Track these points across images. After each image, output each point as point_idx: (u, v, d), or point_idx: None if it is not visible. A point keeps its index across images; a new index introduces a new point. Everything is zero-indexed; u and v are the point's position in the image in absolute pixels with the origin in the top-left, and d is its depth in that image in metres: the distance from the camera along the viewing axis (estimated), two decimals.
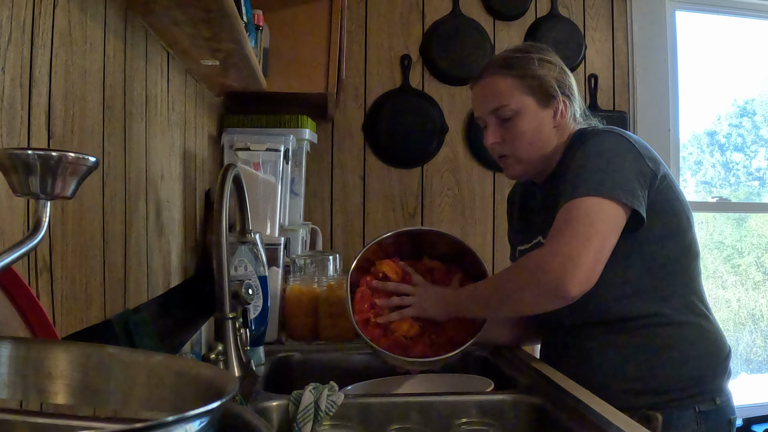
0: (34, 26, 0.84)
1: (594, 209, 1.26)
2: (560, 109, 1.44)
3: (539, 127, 1.44)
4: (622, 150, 1.34)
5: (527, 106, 1.43)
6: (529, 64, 1.44)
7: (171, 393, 0.60)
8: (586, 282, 1.22)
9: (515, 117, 1.43)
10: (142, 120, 1.31)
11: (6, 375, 0.59)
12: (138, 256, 1.29)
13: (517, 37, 2.82)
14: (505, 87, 1.43)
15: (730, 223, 3.41)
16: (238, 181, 1.35)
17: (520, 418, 1.20)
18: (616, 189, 1.28)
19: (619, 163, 1.32)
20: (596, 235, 1.24)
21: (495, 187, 2.80)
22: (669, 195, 1.37)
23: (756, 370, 3.27)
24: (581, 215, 1.26)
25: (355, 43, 2.74)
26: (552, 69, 1.45)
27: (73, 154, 0.56)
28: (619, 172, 1.31)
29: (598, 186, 1.28)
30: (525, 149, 1.45)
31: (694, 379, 1.36)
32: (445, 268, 1.49)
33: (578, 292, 1.22)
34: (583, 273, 1.21)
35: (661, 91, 2.87)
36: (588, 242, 1.23)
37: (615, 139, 1.36)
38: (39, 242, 0.58)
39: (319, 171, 2.73)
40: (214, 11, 1.20)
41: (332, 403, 1.13)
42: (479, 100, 1.49)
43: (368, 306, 1.43)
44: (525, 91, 1.43)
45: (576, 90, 1.49)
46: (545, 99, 1.44)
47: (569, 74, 1.48)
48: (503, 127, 1.45)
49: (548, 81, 1.43)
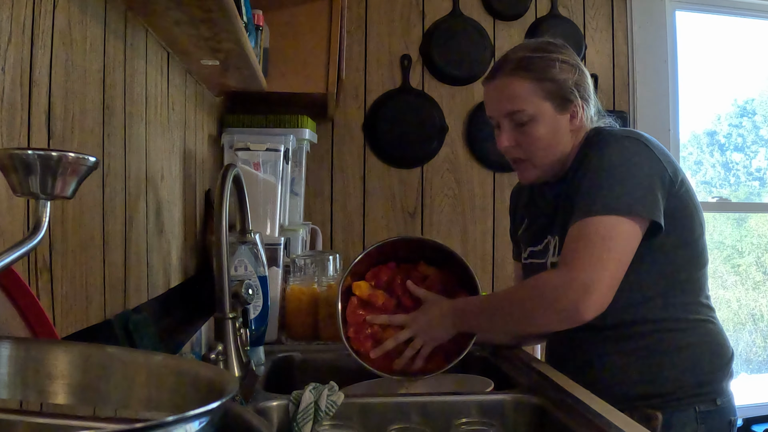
0: (34, 26, 0.84)
1: (610, 230, 1.24)
2: (578, 113, 1.40)
3: (555, 132, 1.39)
4: (642, 158, 1.30)
5: (544, 111, 1.38)
6: (548, 67, 1.38)
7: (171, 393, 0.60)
8: (601, 307, 1.23)
9: (531, 122, 1.38)
10: (142, 120, 1.31)
11: (6, 375, 0.59)
12: (138, 256, 1.29)
13: (517, 37, 2.82)
14: (523, 90, 1.38)
15: (730, 223, 3.41)
16: (238, 181, 1.35)
17: (520, 418, 1.20)
18: (634, 204, 1.25)
19: (637, 174, 1.28)
20: (612, 260, 1.23)
21: (495, 187, 2.80)
22: (685, 200, 1.35)
23: (756, 370, 3.27)
24: (598, 238, 1.24)
25: (355, 43, 2.74)
26: (571, 71, 1.39)
27: (73, 154, 0.56)
28: (637, 184, 1.27)
29: (616, 203, 1.25)
30: (540, 154, 1.41)
31: (697, 382, 1.36)
32: (439, 275, 1.44)
33: (593, 316, 1.23)
34: (598, 299, 1.22)
35: (661, 91, 2.87)
36: (604, 269, 1.22)
37: (634, 147, 1.32)
38: (39, 242, 0.58)
39: (319, 171, 2.73)
40: (214, 11, 1.20)
41: (332, 403, 1.13)
42: (494, 100, 1.43)
43: (362, 320, 1.40)
44: (543, 95, 1.37)
45: (592, 89, 1.44)
46: (563, 103, 1.39)
47: (586, 73, 1.43)
48: (518, 131, 1.40)
49: (567, 85, 1.38)
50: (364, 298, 1.40)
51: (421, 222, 2.78)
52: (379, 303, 1.40)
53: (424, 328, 1.36)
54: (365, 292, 1.40)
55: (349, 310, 1.40)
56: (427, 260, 1.46)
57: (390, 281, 1.43)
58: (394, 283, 1.43)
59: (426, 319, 1.37)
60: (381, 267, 1.44)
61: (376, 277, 1.43)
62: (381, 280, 1.42)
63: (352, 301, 1.40)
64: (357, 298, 1.40)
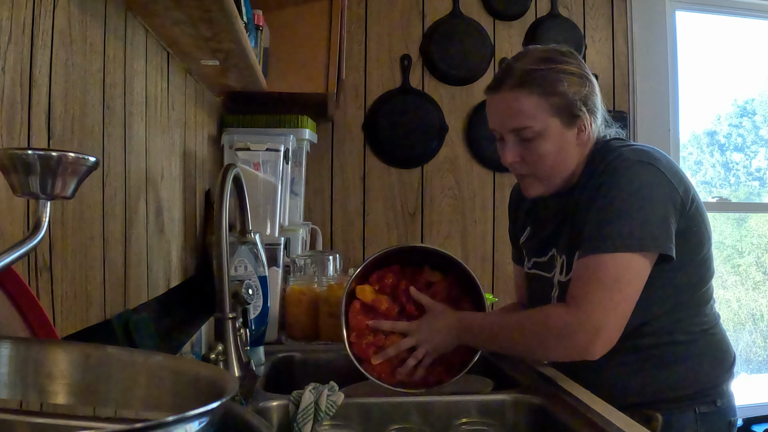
0: (34, 26, 0.84)
1: (623, 271, 1.23)
2: (586, 127, 1.35)
3: (562, 148, 1.35)
4: (654, 185, 1.27)
5: (551, 127, 1.33)
6: (556, 81, 1.32)
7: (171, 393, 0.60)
8: (610, 345, 1.23)
9: (537, 138, 1.33)
10: (142, 120, 1.31)
11: (6, 375, 0.59)
12: (138, 256, 1.29)
13: (517, 37, 2.82)
14: (529, 107, 1.32)
15: (730, 223, 3.41)
16: (238, 181, 1.35)
17: (520, 418, 1.20)
18: (647, 239, 1.24)
19: (650, 205, 1.25)
20: (623, 301, 1.23)
21: (495, 187, 2.80)
22: (696, 219, 1.33)
23: (756, 370, 3.27)
24: (610, 279, 1.23)
25: (355, 43, 2.74)
26: (579, 83, 1.34)
27: (73, 154, 0.56)
28: (650, 217, 1.25)
29: (629, 240, 1.23)
30: (547, 171, 1.36)
31: (698, 388, 1.35)
32: (443, 283, 1.42)
33: (601, 355, 1.24)
34: (608, 340, 1.23)
35: (661, 91, 2.87)
36: (614, 310, 1.22)
37: (646, 175, 1.28)
38: (39, 242, 0.58)
39: (319, 171, 2.73)
40: (214, 11, 1.20)
41: (332, 403, 1.13)
42: (497, 114, 1.37)
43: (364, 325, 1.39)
44: (550, 111, 1.32)
45: (600, 98, 1.40)
46: (570, 119, 1.34)
47: (594, 83, 1.39)
48: (523, 146, 1.35)
49: (574, 99, 1.33)
50: (368, 303, 1.39)
51: (421, 222, 2.78)
52: (383, 308, 1.38)
53: (428, 338, 1.35)
54: (369, 296, 1.38)
55: (351, 314, 1.38)
56: (432, 265, 1.43)
57: (394, 287, 1.41)
58: (398, 289, 1.40)
59: (430, 329, 1.35)
60: (385, 270, 1.42)
61: (380, 280, 1.41)
62: (385, 283, 1.40)
63: (354, 305, 1.38)
64: (360, 303, 1.39)
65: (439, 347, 1.35)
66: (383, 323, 1.37)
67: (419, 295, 1.39)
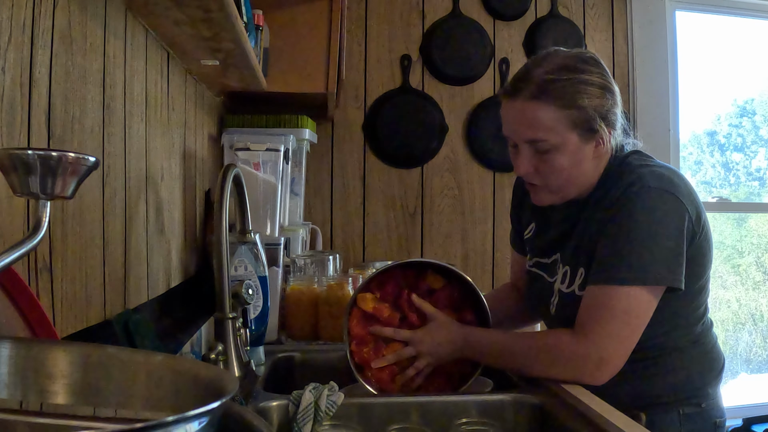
0: (34, 26, 0.84)
1: (633, 304, 1.23)
2: (604, 140, 1.31)
3: (578, 162, 1.31)
4: (672, 216, 1.25)
5: (568, 141, 1.28)
6: (576, 93, 1.27)
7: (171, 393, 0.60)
8: (614, 373, 1.25)
9: (553, 150, 1.29)
10: (142, 120, 1.31)
11: (6, 375, 0.59)
12: (138, 256, 1.29)
13: (517, 37, 2.82)
14: (547, 119, 1.27)
15: (730, 223, 3.41)
16: (238, 181, 1.35)
17: (520, 418, 1.20)
18: (659, 272, 1.23)
19: (665, 237, 1.24)
20: (632, 334, 1.24)
21: (495, 187, 2.80)
22: (704, 247, 1.32)
23: (756, 370, 3.27)
24: (619, 312, 1.22)
25: (355, 43, 2.74)
26: (599, 95, 1.28)
27: (73, 154, 0.56)
28: (664, 251, 1.24)
29: (642, 273, 1.22)
30: (561, 183, 1.33)
31: (684, 395, 1.35)
32: (445, 291, 1.41)
33: (607, 380, 1.25)
34: (613, 369, 1.24)
35: (661, 91, 2.87)
36: (622, 342, 1.23)
37: (666, 205, 1.25)
38: (39, 242, 0.58)
39: (319, 171, 2.73)
40: (214, 11, 1.20)
41: (332, 403, 1.13)
42: (513, 122, 1.32)
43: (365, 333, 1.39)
44: (568, 125, 1.27)
45: (620, 109, 1.34)
46: (588, 133, 1.29)
47: (615, 92, 1.32)
48: (538, 158, 1.31)
49: (594, 113, 1.28)
50: (369, 311, 1.38)
51: (421, 222, 2.78)
52: (384, 316, 1.38)
53: (429, 349, 1.34)
54: (370, 305, 1.38)
55: (352, 322, 1.38)
56: (434, 268, 1.42)
57: (396, 296, 1.40)
58: (400, 298, 1.40)
59: (432, 342, 1.34)
60: (387, 274, 1.41)
61: (381, 286, 1.40)
62: (387, 291, 1.39)
63: (355, 313, 1.38)
64: (361, 311, 1.38)
65: (440, 359, 1.35)
66: (385, 330, 1.37)
67: (422, 303, 1.38)
